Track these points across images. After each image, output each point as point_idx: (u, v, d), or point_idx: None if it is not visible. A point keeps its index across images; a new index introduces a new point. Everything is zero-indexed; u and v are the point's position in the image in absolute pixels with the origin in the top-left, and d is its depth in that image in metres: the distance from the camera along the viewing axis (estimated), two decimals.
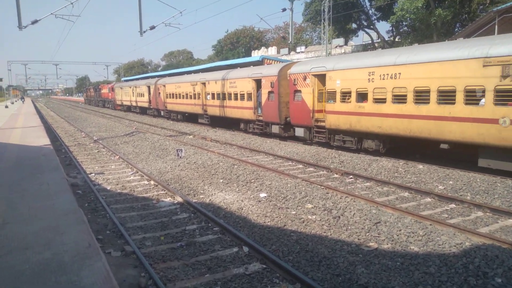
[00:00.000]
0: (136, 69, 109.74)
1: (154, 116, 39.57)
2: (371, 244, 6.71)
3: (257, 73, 21.17)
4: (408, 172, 12.17)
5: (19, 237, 6.28)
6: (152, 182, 12.01)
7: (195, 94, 28.71)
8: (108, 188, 11.48)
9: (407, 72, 12.92)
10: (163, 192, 10.91)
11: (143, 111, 43.61)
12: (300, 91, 17.90)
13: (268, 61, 27.79)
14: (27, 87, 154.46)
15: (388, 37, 34.77)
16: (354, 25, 36.73)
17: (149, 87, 39.85)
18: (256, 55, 62.30)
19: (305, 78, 17.54)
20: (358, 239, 6.92)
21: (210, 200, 9.76)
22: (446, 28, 28.52)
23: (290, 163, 14.76)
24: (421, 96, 12.58)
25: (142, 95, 42.12)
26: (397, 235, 7.00)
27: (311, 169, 13.62)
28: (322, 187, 10.36)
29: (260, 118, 21.22)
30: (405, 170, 12.40)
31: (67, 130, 28.92)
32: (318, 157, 15.25)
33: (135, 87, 45.02)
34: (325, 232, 7.26)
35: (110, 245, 7.17)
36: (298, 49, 58.38)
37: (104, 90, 63.59)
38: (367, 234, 7.12)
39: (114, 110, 52.78)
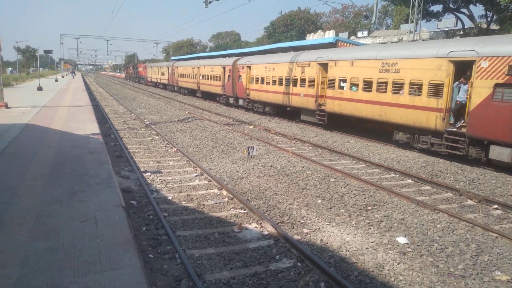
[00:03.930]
0: (185, 48, 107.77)
1: (171, 91, 48.45)
2: None
3: (223, 62, 31.18)
4: None
5: None
6: (224, 193, 9.15)
7: (194, 75, 38.42)
8: (170, 198, 8.73)
9: (275, 68, 23.30)
10: (243, 211, 7.98)
11: (164, 86, 53.28)
12: (241, 76, 27.66)
13: (342, 43, 24.16)
14: (78, 62, 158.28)
15: (485, 23, 29.58)
16: (438, 8, 31.73)
17: (168, 68, 49.01)
18: (310, 38, 57.69)
19: (243, 68, 27.31)
20: None
21: (321, 240, 6.63)
22: None
23: (393, 175, 11.41)
24: (279, 82, 22.75)
25: (164, 74, 51.80)
26: None
27: (428, 187, 10.23)
28: (499, 235, 6.81)
29: (224, 93, 31.00)
30: None
31: (116, 110, 26.86)
32: (430, 169, 11.72)
33: (160, 67, 55.01)
34: None
35: None
36: (360, 34, 53.23)
37: (140, 69, 72.99)
38: None
39: (163, 90, 52.30)
